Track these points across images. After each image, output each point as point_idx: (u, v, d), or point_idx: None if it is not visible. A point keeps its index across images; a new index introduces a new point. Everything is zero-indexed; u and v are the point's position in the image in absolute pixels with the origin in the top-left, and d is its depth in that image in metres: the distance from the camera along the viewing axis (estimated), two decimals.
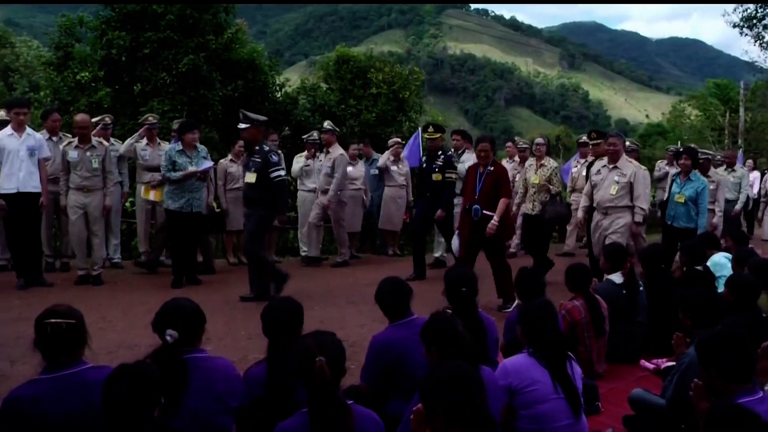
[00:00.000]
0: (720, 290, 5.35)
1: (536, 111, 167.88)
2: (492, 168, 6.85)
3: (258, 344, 3.95)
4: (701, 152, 8.80)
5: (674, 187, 7.91)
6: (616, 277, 5.54)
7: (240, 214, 9.12)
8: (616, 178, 7.14)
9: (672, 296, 5.37)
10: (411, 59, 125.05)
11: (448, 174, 8.35)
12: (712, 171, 9.00)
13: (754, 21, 24.86)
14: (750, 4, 24.34)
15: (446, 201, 8.34)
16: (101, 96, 14.32)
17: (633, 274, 5.59)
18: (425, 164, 8.63)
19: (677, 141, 15.73)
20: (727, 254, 6.45)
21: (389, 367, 3.62)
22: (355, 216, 9.90)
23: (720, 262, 6.25)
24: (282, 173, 7.15)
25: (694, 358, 3.17)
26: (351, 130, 16.09)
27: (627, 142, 10.75)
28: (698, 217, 7.64)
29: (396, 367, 3.61)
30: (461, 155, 9.12)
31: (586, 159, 9.75)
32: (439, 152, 8.48)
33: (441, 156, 8.43)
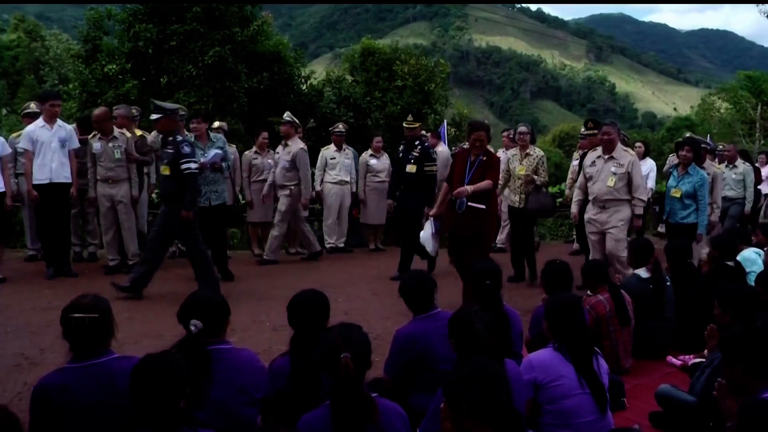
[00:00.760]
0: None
1: (562, 104, 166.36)
2: (485, 158, 6.28)
3: (283, 336, 3.97)
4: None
5: (670, 181, 7.43)
6: (642, 272, 5.47)
7: (265, 206, 9.18)
8: (613, 169, 6.72)
9: (700, 292, 5.31)
10: (436, 51, 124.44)
11: (428, 167, 7.81)
12: (708, 163, 8.37)
13: None
14: None
15: (429, 196, 7.71)
16: (128, 88, 14.47)
17: (659, 269, 5.51)
18: (401, 154, 8.07)
19: (706, 135, 15.51)
20: (758, 249, 6.33)
21: (413, 361, 3.62)
22: (380, 209, 9.84)
23: (750, 258, 6.15)
24: (193, 166, 6.61)
25: None
26: (376, 123, 16.07)
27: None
28: (698, 214, 7.13)
29: (420, 361, 3.60)
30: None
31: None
32: (416, 142, 7.93)
33: (418, 146, 7.88)
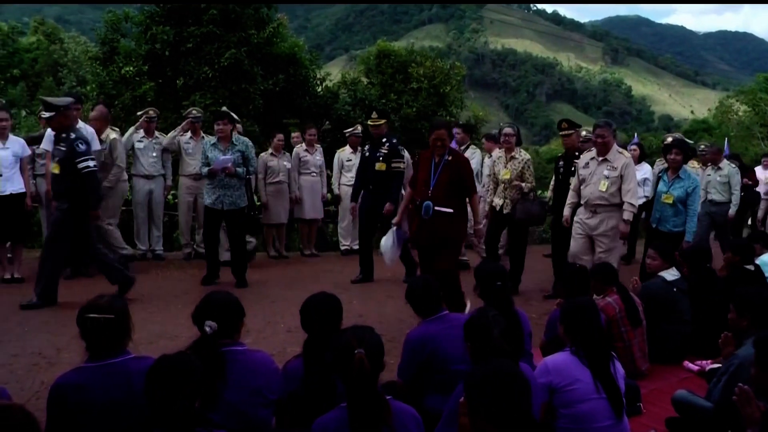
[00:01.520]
0: None
1: (578, 106, 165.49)
2: (450, 158, 5.82)
3: (297, 338, 3.97)
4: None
5: (661, 186, 7.06)
6: (668, 274, 5.41)
7: (280, 208, 9.20)
8: (606, 172, 6.42)
9: (717, 296, 5.26)
10: (452, 54, 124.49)
11: (395, 164, 7.57)
12: (688, 164, 7.95)
13: None
14: None
15: (394, 193, 7.52)
16: (145, 90, 14.59)
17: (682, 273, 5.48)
18: (368, 153, 7.81)
19: (724, 137, 15.36)
20: None
21: (424, 363, 3.62)
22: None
23: None
24: (91, 164, 6.36)
25: (745, 360, 3.08)
26: (392, 125, 16.09)
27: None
28: (687, 221, 6.80)
29: (431, 363, 3.60)
30: (465, 150, 8.48)
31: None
32: (384, 140, 7.67)
33: (386, 144, 7.64)
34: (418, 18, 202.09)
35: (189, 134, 8.71)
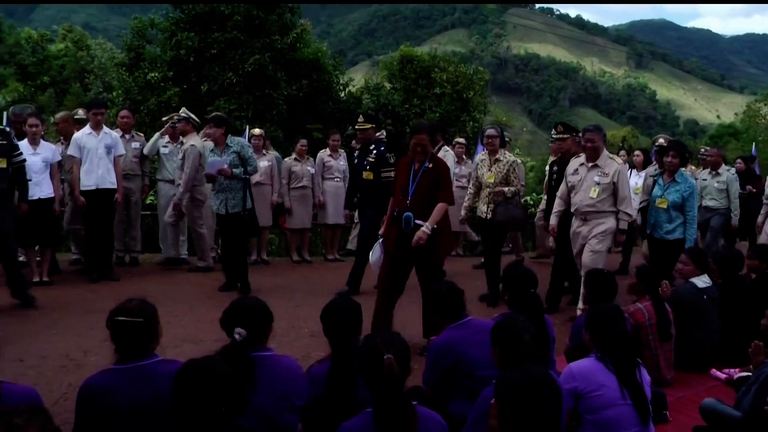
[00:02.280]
0: None
1: (601, 111, 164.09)
2: (430, 165, 5.31)
3: (321, 342, 3.98)
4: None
5: (656, 190, 6.63)
6: (700, 281, 5.35)
7: (304, 213, 9.24)
8: (597, 179, 6.15)
9: (747, 304, 5.18)
10: (474, 59, 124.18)
11: (385, 173, 7.09)
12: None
13: None
14: None
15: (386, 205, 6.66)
16: (170, 95, 14.75)
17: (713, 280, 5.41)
18: (356, 160, 7.48)
19: (751, 142, 15.15)
20: None
21: (449, 369, 3.61)
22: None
23: None
24: (22, 158, 6.45)
25: None
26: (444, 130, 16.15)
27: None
28: (686, 227, 6.43)
29: (456, 369, 3.59)
30: (437, 152, 8.17)
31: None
32: (371, 146, 7.25)
33: (373, 151, 7.21)
34: (441, 23, 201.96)
35: (167, 138, 8.68)
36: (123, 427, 2.70)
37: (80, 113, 8.41)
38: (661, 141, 8.31)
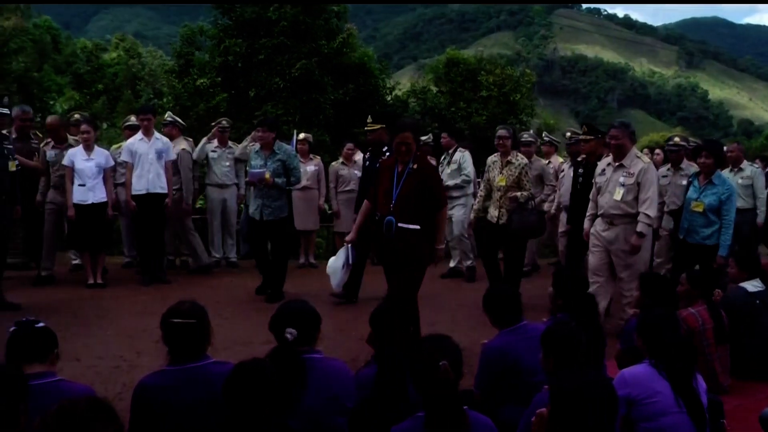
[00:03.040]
0: None
1: (651, 112, 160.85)
2: (415, 166, 4.92)
3: (368, 345, 3.98)
4: (687, 142, 7.49)
5: (691, 192, 6.16)
6: (750, 286, 5.17)
7: (351, 216, 9.25)
8: (622, 179, 5.77)
9: None
10: (521, 61, 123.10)
11: None
12: (686, 164, 7.35)
13: None
14: None
15: None
16: (218, 101, 14.98)
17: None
18: (368, 162, 7.19)
19: None
20: None
21: (502, 374, 3.57)
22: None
23: None
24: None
25: None
26: (461, 133, 16.06)
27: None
28: (721, 233, 5.91)
29: (509, 374, 3.55)
30: (452, 155, 8.22)
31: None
32: (384, 148, 6.82)
33: (386, 152, 6.66)
34: (486, 26, 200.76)
35: (215, 143, 8.75)
36: (177, 427, 2.74)
37: (132, 120, 8.59)
38: (676, 139, 7.92)
